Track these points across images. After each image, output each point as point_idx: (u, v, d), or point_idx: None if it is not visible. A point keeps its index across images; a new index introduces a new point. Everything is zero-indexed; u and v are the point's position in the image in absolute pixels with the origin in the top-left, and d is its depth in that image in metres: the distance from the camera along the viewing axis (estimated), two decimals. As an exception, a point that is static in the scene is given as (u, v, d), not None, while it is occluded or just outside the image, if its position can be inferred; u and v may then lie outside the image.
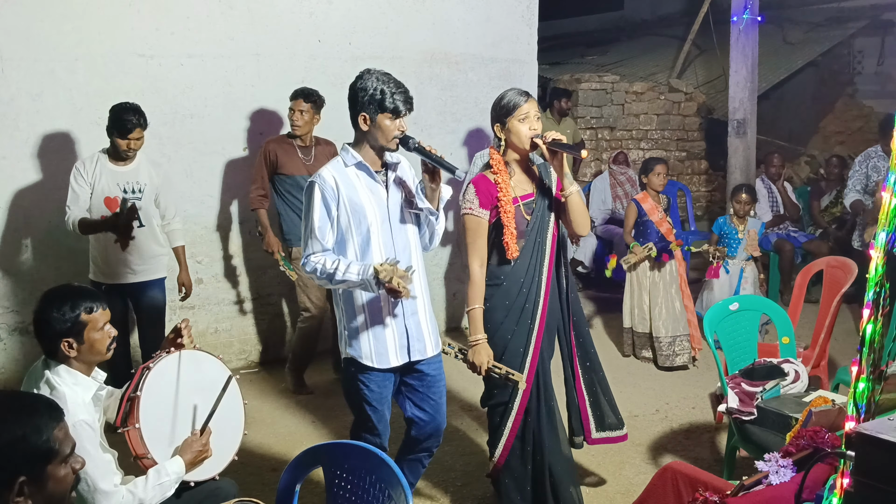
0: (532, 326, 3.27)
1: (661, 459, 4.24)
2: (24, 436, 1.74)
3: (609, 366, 5.66)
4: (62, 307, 2.55)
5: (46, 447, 1.77)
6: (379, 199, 3.02)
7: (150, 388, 2.74)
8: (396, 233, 3.05)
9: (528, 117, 3.15)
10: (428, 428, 3.21)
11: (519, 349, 3.26)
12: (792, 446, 2.42)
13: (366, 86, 2.91)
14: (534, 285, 3.26)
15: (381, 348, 3.03)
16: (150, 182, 4.43)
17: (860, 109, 10.72)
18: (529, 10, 6.54)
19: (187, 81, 5.17)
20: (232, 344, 5.55)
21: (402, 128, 2.95)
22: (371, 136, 2.97)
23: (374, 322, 3.03)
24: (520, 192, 3.27)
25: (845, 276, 4.50)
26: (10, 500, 1.71)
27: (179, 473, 2.63)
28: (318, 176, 2.99)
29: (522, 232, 3.25)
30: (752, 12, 7.22)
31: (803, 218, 7.79)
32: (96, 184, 4.28)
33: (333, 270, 2.90)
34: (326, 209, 2.95)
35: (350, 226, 2.97)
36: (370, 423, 3.13)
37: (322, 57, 5.60)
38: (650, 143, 9.36)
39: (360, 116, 2.95)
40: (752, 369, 3.66)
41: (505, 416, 3.31)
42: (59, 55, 4.75)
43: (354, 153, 3.01)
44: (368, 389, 3.08)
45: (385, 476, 2.14)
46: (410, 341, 3.08)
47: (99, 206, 4.29)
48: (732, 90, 7.54)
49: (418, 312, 3.11)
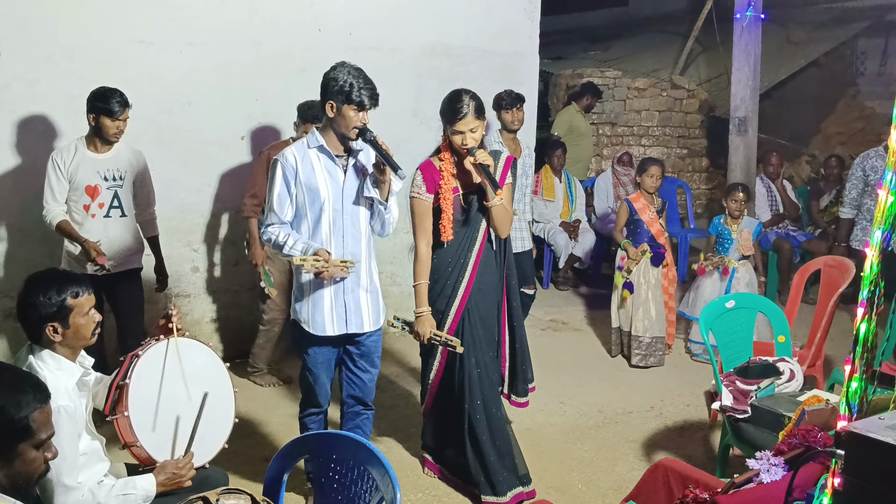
0: (452, 301, 3.65)
1: (654, 456, 4.24)
2: (2, 407, 1.74)
3: (603, 364, 5.73)
4: (48, 291, 2.53)
5: (22, 424, 1.77)
6: (335, 181, 3.26)
7: (140, 375, 2.72)
8: (347, 215, 3.29)
9: (463, 133, 3.47)
10: (356, 391, 3.52)
11: (437, 317, 3.66)
12: (784, 445, 2.41)
13: (337, 76, 3.15)
14: (458, 266, 3.64)
15: (319, 316, 3.32)
16: (130, 169, 4.35)
17: (862, 110, 10.69)
18: (532, 3, 6.51)
19: (186, 69, 5.14)
20: (226, 333, 5.54)
21: (365, 120, 3.18)
22: (335, 122, 3.21)
23: (316, 292, 3.32)
24: (462, 183, 3.62)
25: (842, 276, 4.49)
26: None
27: (149, 492, 2.58)
28: (282, 155, 3.26)
29: (458, 220, 3.62)
30: (756, 10, 7.18)
31: (802, 217, 7.77)
32: (75, 173, 4.17)
33: (283, 243, 3.23)
34: (286, 184, 3.22)
35: (304, 203, 3.24)
36: (307, 385, 3.46)
37: (321, 47, 5.56)
38: (651, 140, 9.34)
39: (328, 104, 3.18)
40: (746, 367, 3.65)
41: (427, 370, 3.82)
42: (57, 41, 4.72)
43: (319, 136, 3.27)
44: (306, 353, 3.40)
45: (371, 464, 2.14)
46: (348, 315, 3.35)
47: (79, 195, 4.20)
48: (734, 88, 7.51)
49: (359, 290, 3.38)
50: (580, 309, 7.10)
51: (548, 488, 3.90)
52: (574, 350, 6.04)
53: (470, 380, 3.67)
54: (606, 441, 4.44)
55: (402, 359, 5.56)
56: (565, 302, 7.32)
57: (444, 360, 3.75)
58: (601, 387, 5.26)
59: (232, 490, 2.10)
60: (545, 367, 5.57)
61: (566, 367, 5.63)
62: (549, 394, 5.07)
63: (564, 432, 4.55)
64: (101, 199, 4.24)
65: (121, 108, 4.13)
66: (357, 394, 3.51)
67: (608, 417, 4.76)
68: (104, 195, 4.24)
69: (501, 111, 5.28)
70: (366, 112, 3.16)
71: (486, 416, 3.69)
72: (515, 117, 5.25)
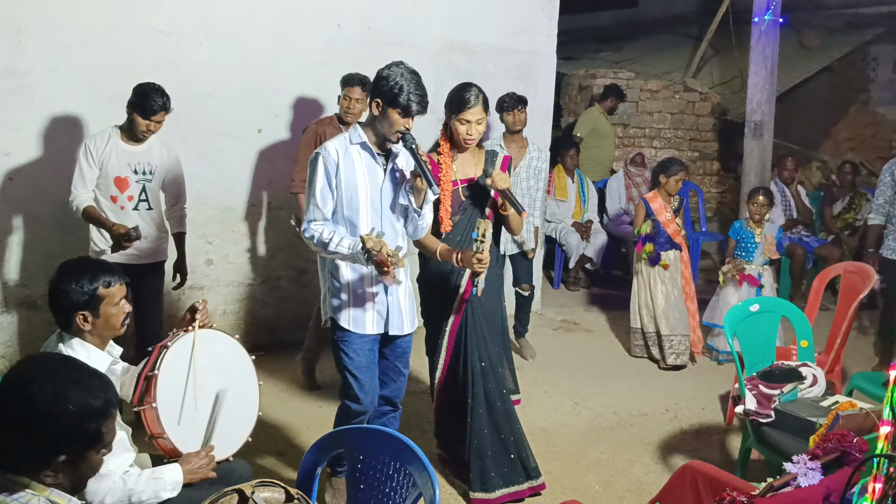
0: (455, 294, 3.65)
1: (670, 459, 4.22)
2: (80, 419, 1.68)
3: (616, 365, 5.71)
4: (81, 279, 2.52)
5: (96, 433, 1.72)
6: (374, 180, 3.18)
7: (168, 366, 2.71)
8: (385, 214, 3.21)
9: (469, 122, 3.52)
10: (389, 392, 3.44)
11: (440, 311, 3.68)
12: (819, 449, 2.39)
13: (389, 76, 3.05)
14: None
15: (360, 315, 3.23)
16: (161, 164, 4.31)
17: (873, 117, 10.64)
18: (550, 2, 6.49)
19: (205, 60, 5.11)
20: (240, 326, 5.52)
21: (409, 126, 3.09)
22: (379, 121, 3.12)
23: (356, 291, 3.22)
24: (461, 175, 3.66)
25: (863, 283, 4.46)
26: (40, 474, 1.67)
27: (176, 482, 2.57)
28: (323, 148, 3.17)
29: (457, 209, 3.64)
30: (774, 14, 7.14)
31: (815, 223, 7.75)
32: (106, 162, 4.13)
33: (328, 240, 3.08)
34: (328, 178, 3.13)
35: (342, 199, 3.15)
36: (351, 391, 3.28)
37: (341, 41, 5.54)
38: (663, 142, 9.30)
39: (375, 101, 3.10)
40: (770, 371, 3.63)
41: (434, 368, 3.80)
42: (78, 29, 4.69)
43: (361, 132, 3.18)
44: (348, 357, 3.26)
45: (410, 462, 2.10)
46: (390, 316, 3.27)
47: (108, 185, 4.17)
48: (751, 91, 7.47)
49: (399, 291, 3.29)
50: (592, 309, 7.08)
51: (564, 489, 3.88)
52: (587, 351, 6.02)
53: (473, 373, 3.68)
54: (622, 443, 4.42)
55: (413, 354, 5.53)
56: (576, 302, 7.30)
57: (449, 356, 3.75)
58: (615, 388, 5.24)
59: (266, 482, 2.08)
60: (558, 367, 5.58)
61: (579, 367, 5.61)
62: (564, 394, 5.06)
63: (580, 433, 4.53)
64: (130, 191, 4.19)
65: (157, 109, 4.06)
66: (389, 395, 3.45)
67: (623, 419, 4.74)
68: (133, 188, 4.20)
69: (503, 113, 5.31)
70: (411, 118, 3.06)
71: (489, 409, 3.67)
72: (517, 119, 5.27)
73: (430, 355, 3.85)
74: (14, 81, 4.55)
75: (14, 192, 4.67)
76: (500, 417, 3.69)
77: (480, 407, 3.66)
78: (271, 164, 5.44)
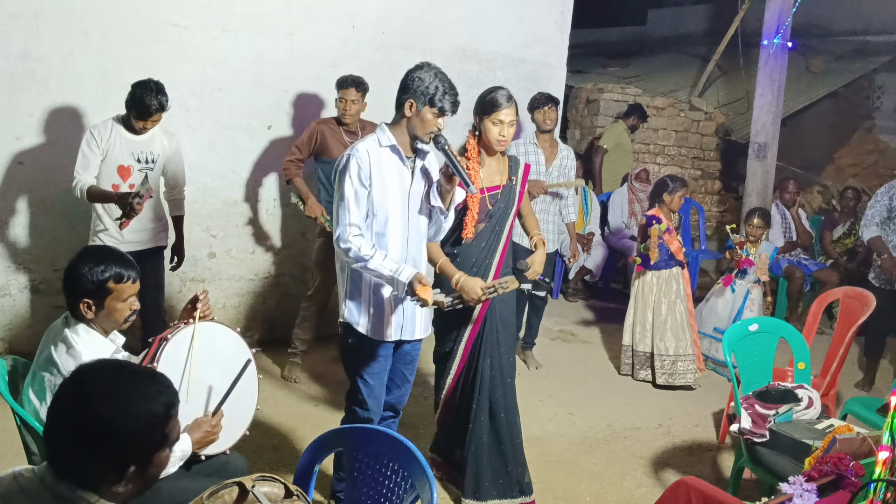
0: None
1: (662, 474, 4.24)
2: (146, 429, 1.61)
3: (611, 377, 5.73)
4: (94, 268, 2.52)
5: (162, 438, 1.65)
6: (403, 183, 3.11)
7: (167, 359, 2.68)
8: (412, 219, 3.15)
9: (502, 123, 3.50)
10: (394, 399, 3.38)
11: (459, 320, 3.63)
12: (815, 471, 2.41)
13: (423, 76, 3.01)
14: (483, 266, 3.61)
15: (379, 322, 3.16)
16: (162, 153, 4.39)
17: (876, 144, 10.71)
18: (563, 15, 6.53)
19: (219, 54, 5.14)
20: (239, 321, 5.53)
21: (441, 126, 3.05)
22: (411, 123, 3.05)
23: (377, 297, 3.15)
24: (487, 183, 3.61)
25: (862, 308, 4.49)
26: (112, 487, 1.60)
27: (186, 451, 2.58)
28: (354, 149, 3.07)
29: (483, 217, 3.60)
30: (784, 37, 7.20)
31: (814, 247, 7.79)
32: (109, 151, 4.20)
33: (369, 258, 2.96)
34: (360, 180, 3.02)
35: (372, 204, 3.05)
36: (360, 396, 3.23)
37: (355, 42, 5.57)
38: (666, 159, 9.35)
39: (408, 102, 3.02)
40: (766, 392, 3.65)
41: (443, 375, 3.74)
42: (94, 16, 4.71)
43: (390, 135, 3.09)
44: (363, 362, 3.20)
45: (409, 465, 2.12)
46: (405, 322, 3.21)
47: (110, 174, 4.22)
48: (756, 113, 7.52)
49: None
50: (590, 321, 7.11)
51: (556, 499, 3.90)
52: (583, 362, 6.04)
53: (482, 379, 3.66)
54: (615, 455, 4.44)
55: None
56: (574, 314, 7.33)
57: (463, 362, 3.71)
58: (610, 400, 5.26)
59: (266, 477, 2.08)
60: (555, 377, 5.60)
61: (576, 378, 5.64)
62: (559, 404, 5.08)
63: (573, 444, 4.55)
64: (132, 180, 4.25)
65: (153, 111, 4.12)
66: (392, 401, 3.38)
67: (617, 432, 4.76)
68: (135, 177, 4.26)
69: (534, 111, 5.39)
70: (443, 118, 3.03)
71: (492, 418, 3.67)
72: (547, 116, 5.32)
73: (441, 362, 3.79)
74: (29, 66, 4.58)
75: (23, 176, 4.69)
76: (502, 428, 3.67)
77: (483, 414, 3.66)
78: (279, 161, 5.45)
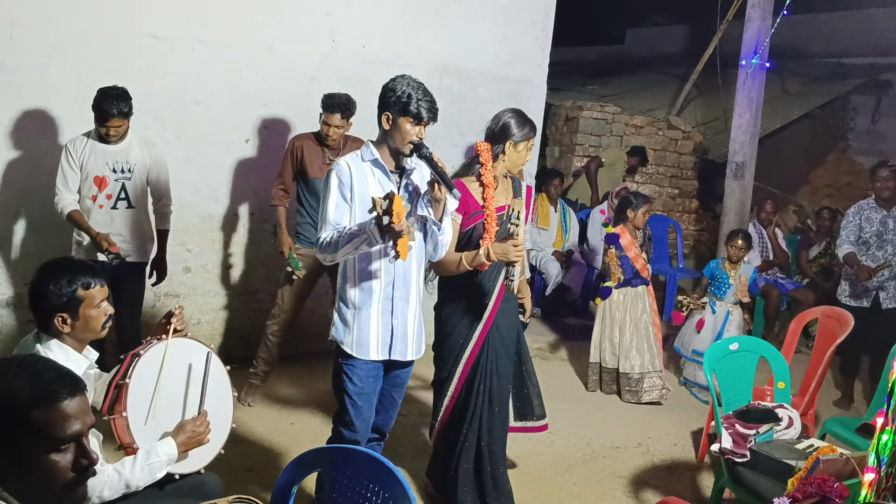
0: (476, 324, 3.57)
1: (641, 493, 4.22)
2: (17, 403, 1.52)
3: (590, 396, 5.71)
4: (59, 281, 2.46)
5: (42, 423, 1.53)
6: None
7: (139, 375, 2.63)
8: None
9: (529, 150, 3.59)
10: (381, 422, 3.33)
11: (459, 341, 3.58)
12: (799, 492, 2.39)
13: (395, 87, 2.98)
14: (489, 285, 3.56)
15: (364, 339, 3.11)
16: (140, 162, 4.33)
17: (851, 165, 10.84)
18: (544, 32, 6.56)
19: (198, 68, 5.09)
20: (214, 337, 5.46)
21: (421, 135, 3.01)
22: (390, 136, 3.03)
23: (363, 313, 3.11)
24: (496, 204, 3.55)
25: (840, 328, 4.51)
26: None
27: (171, 455, 2.52)
28: (336, 164, 3.08)
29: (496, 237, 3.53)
30: (762, 58, 7.27)
31: (790, 266, 7.84)
32: (86, 163, 4.18)
33: (338, 237, 2.95)
34: (342, 195, 3.02)
35: (356, 218, 3.01)
36: (347, 417, 3.18)
37: (335, 57, 5.55)
38: (644, 177, 9.40)
39: (384, 115, 3.02)
40: (746, 411, 3.64)
41: (441, 397, 3.67)
42: (71, 28, 4.65)
43: (374, 150, 3.08)
44: (351, 382, 3.15)
45: (391, 488, 2.06)
46: (394, 341, 3.15)
47: (88, 185, 4.21)
48: (734, 133, 7.58)
49: (408, 315, 3.18)
50: (567, 339, 7.08)
51: (536, 519, 3.86)
52: (561, 380, 6.02)
53: (475, 405, 3.59)
54: (594, 475, 4.41)
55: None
56: (553, 331, 7.30)
57: (461, 385, 3.62)
58: (589, 419, 5.23)
59: (242, 499, 2.04)
60: (534, 396, 5.55)
61: (554, 396, 5.56)
62: (538, 423, 5.03)
63: (553, 463, 4.52)
64: (109, 190, 4.23)
65: (110, 116, 4.08)
66: (379, 423, 3.32)
67: (596, 451, 4.73)
68: (112, 186, 4.23)
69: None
70: (423, 127, 2.98)
71: (477, 447, 3.61)
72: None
73: (438, 385, 3.70)
74: (3, 77, 4.50)
75: (-5, 189, 4.61)
76: (484, 457, 3.60)
77: (469, 441, 3.60)
78: (257, 176, 5.41)
